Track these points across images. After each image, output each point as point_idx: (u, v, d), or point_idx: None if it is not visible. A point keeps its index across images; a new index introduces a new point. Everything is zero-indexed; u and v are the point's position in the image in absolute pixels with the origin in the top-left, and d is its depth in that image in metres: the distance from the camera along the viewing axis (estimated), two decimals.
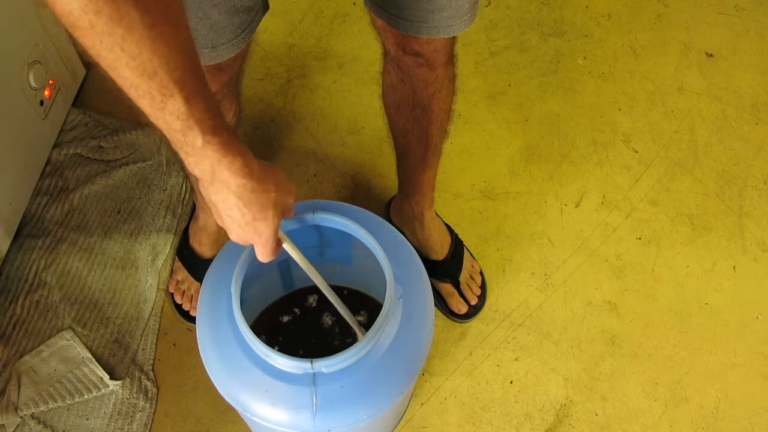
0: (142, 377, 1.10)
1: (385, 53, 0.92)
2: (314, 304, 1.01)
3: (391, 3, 0.79)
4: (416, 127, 0.98)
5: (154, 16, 0.45)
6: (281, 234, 0.67)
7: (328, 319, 1.00)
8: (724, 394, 1.11)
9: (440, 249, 1.16)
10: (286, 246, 0.70)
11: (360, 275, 0.97)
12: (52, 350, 1.10)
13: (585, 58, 1.51)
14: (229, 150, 0.55)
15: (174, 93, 0.49)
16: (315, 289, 1.01)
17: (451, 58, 0.90)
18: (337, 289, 1.02)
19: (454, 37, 0.85)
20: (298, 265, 0.92)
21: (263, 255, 0.65)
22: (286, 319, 1.00)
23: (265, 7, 0.81)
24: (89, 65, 1.41)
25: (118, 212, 1.25)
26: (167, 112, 0.50)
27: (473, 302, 1.16)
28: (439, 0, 0.77)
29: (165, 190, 1.28)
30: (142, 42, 0.45)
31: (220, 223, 0.63)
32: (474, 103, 1.43)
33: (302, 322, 1.00)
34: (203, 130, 0.53)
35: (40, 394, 1.06)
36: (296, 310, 1.00)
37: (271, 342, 0.99)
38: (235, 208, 0.59)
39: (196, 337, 0.77)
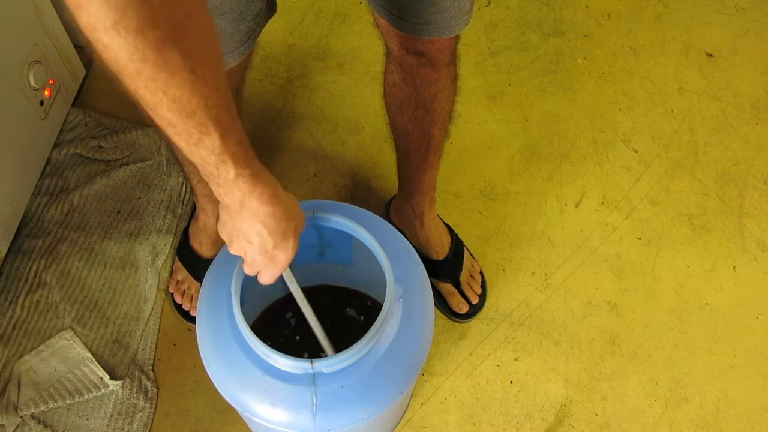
0: (142, 377, 1.10)
1: (388, 53, 0.92)
2: (314, 304, 1.01)
3: (394, 5, 0.79)
4: (418, 127, 0.98)
5: (194, 59, 0.46)
6: None
7: (328, 320, 1.00)
8: (724, 394, 1.11)
9: (440, 249, 1.16)
10: (286, 276, 0.71)
11: (360, 275, 0.97)
12: (52, 350, 1.10)
13: (585, 58, 1.51)
14: (259, 181, 0.57)
15: (210, 130, 0.51)
16: (315, 290, 1.02)
17: (453, 58, 0.90)
18: (339, 290, 1.03)
19: (457, 36, 0.85)
20: (297, 264, 0.92)
21: (267, 280, 0.66)
22: (286, 319, 1.00)
23: (269, 12, 0.81)
24: (89, 65, 1.41)
25: (118, 212, 1.25)
26: (203, 148, 0.52)
27: (474, 301, 1.16)
28: (442, 2, 0.77)
29: (165, 190, 1.28)
30: (183, 85, 0.47)
31: (233, 250, 0.64)
32: (474, 103, 1.43)
33: (302, 322, 1.00)
34: (236, 164, 0.55)
35: (40, 394, 1.06)
36: (296, 309, 1.00)
37: (271, 342, 0.99)
38: (258, 236, 0.60)
39: (196, 337, 0.77)
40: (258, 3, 0.75)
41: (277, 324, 1.00)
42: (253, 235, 0.61)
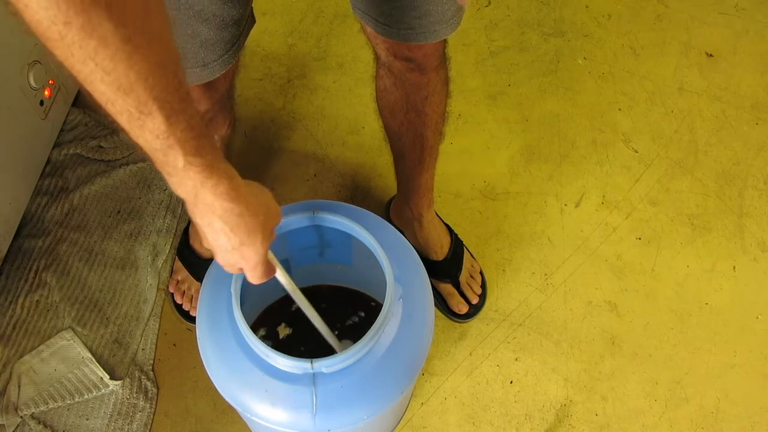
0: (142, 377, 1.10)
1: (377, 58, 0.92)
2: (314, 304, 1.01)
3: (377, 11, 0.79)
4: (411, 131, 0.98)
5: (130, 28, 0.42)
6: (272, 257, 0.65)
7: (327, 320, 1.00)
8: (724, 394, 1.11)
9: (440, 249, 1.16)
10: (278, 274, 0.68)
11: (360, 275, 0.97)
12: (52, 350, 1.10)
13: (585, 58, 1.51)
14: (213, 172, 0.52)
15: (153, 111, 0.46)
16: (315, 290, 1.02)
17: (443, 62, 0.90)
18: (339, 290, 1.03)
19: (445, 41, 0.85)
20: (297, 264, 0.92)
21: (253, 279, 0.62)
22: (286, 318, 1.00)
23: (252, 20, 0.81)
24: None
25: (118, 212, 1.25)
26: (146, 131, 0.47)
27: (474, 301, 1.16)
28: (424, 6, 0.77)
29: (165, 190, 1.28)
30: (117, 56, 0.42)
31: (206, 245, 0.60)
32: (474, 103, 1.43)
33: (302, 321, 1.00)
34: (185, 151, 0.49)
35: (40, 394, 1.06)
36: (296, 309, 1.00)
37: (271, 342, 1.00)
38: (220, 233, 0.56)
39: (196, 337, 0.77)
40: (238, 8, 0.74)
41: (277, 324, 1.00)
42: (215, 232, 0.56)
